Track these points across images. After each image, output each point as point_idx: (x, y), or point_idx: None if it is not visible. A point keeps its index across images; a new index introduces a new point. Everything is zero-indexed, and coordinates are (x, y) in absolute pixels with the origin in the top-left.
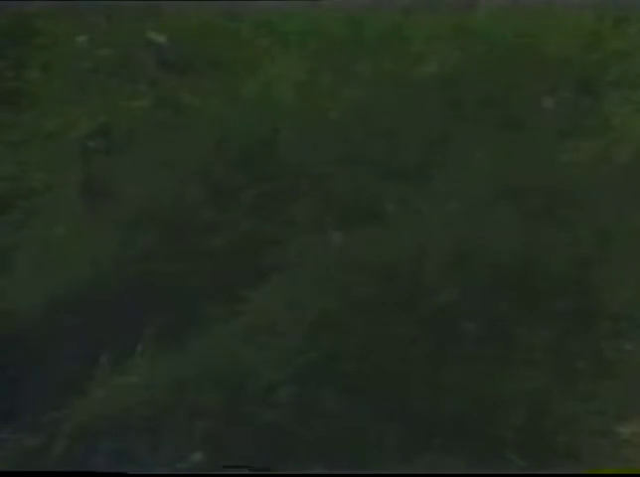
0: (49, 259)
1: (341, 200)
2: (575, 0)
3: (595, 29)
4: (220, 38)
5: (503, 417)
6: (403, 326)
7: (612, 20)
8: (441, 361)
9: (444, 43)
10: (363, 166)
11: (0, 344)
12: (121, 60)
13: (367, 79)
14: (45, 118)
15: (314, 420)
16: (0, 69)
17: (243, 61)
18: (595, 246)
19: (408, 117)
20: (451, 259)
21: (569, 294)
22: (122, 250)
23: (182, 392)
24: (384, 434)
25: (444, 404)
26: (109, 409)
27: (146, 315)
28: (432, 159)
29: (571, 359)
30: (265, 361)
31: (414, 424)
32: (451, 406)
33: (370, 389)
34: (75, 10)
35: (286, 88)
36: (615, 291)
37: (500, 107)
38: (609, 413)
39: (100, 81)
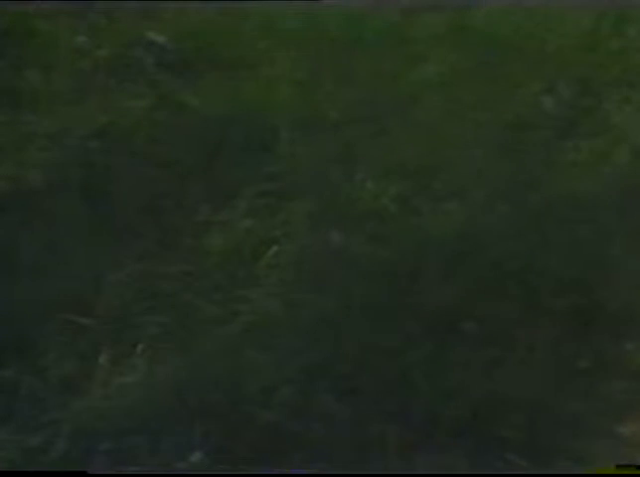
0: (49, 260)
1: (341, 199)
2: (575, 0)
3: (595, 29)
4: (220, 38)
5: (503, 417)
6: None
7: (612, 20)
8: (441, 360)
9: (444, 43)
10: (363, 166)
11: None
12: (121, 60)
13: (366, 79)
14: (45, 118)
15: (314, 421)
16: (0, 68)
17: (243, 61)
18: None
19: (408, 117)
20: (451, 259)
21: (569, 294)
22: (121, 250)
23: (181, 391)
24: (383, 434)
25: (444, 404)
26: (108, 409)
27: (146, 315)
28: (432, 159)
29: (571, 359)
30: (265, 361)
31: (414, 425)
32: (451, 406)
33: (369, 389)
34: (75, 10)
35: (286, 88)
36: (616, 291)
37: (499, 107)
38: (609, 413)
39: (100, 81)
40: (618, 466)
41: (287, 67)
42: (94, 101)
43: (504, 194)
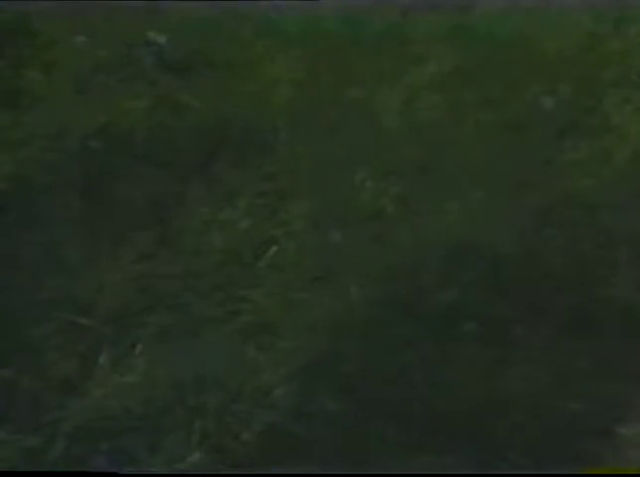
0: (49, 260)
1: (341, 200)
2: (575, 0)
3: (595, 29)
4: (220, 38)
5: (503, 417)
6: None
7: (612, 20)
8: (441, 360)
9: (444, 43)
10: (363, 166)
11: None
12: (121, 60)
13: (366, 79)
14: (45, 118)
15: (314, 420)
16: (0, 68)
17: (243, 61)
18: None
19: (408, 117)
20: (451, 259)
21: (569, 294)
22: (121, 250)
23: (181, 391)
24: (383, 434)
25: (444, 404)
26: (108, 409)
27: (146, 315)
28: (432, 159)
29: (571, 359)
30: (265, 361)
31: (414, 425)
32: (451, 406)
33: (369, 388)
34: (75, 10)
35: (286, 88)
36: (616, 291)
37: (499, 107)
38: (609, 413)
39: (100, 81)
40: (614, 467)
41: (287, 67)
42: (94, 101)
43: (504, 194)
